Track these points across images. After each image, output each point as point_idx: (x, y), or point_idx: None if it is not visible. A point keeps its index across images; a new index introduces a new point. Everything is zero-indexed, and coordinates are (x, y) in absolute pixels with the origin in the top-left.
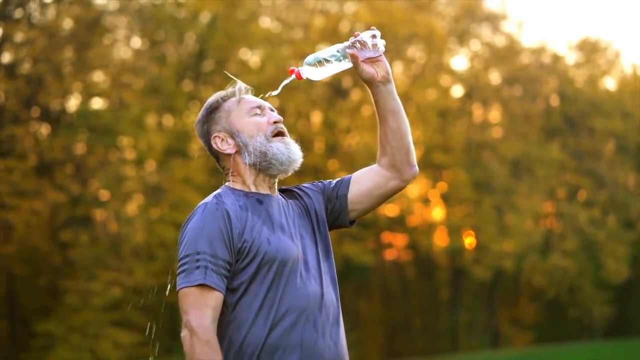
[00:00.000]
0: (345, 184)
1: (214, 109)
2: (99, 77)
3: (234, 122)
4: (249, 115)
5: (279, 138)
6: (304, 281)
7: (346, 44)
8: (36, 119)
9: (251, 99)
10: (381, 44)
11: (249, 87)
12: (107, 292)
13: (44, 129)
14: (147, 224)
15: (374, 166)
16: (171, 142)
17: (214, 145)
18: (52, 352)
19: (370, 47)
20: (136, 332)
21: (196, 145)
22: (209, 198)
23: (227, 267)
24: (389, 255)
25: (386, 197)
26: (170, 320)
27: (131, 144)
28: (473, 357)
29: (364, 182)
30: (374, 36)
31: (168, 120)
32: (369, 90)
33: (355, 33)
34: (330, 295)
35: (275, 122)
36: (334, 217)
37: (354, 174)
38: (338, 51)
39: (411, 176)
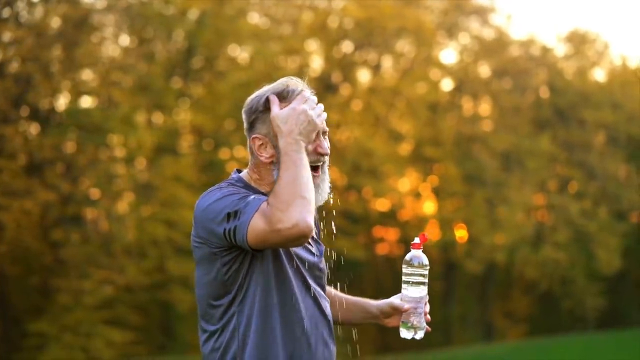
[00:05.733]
0: None
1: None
2: (87, 75)
3: None
4: None
5: (314, 174)
6: (303, 294)
7: (422, 324)
8: (25, 118)
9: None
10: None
11: (315, 99)
12: (98, 291)
13: (33, 128)
14: (138, 222)
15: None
16: (161, 139)
17: (251, 143)
18: (44, 352)
19: (414, 330)
20: (129, 331)
21: (186, 143)
22: (223, 183)
23: None
24: (381, 249)
25: None
26: (163, 318)
27: (121, 142)
28: (466, 351)
29: None
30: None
31: (158, 118)
32: (365, 308)
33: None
34: (328, 307)
35: (319, 154)
36: None
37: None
38: (414, 322)
39: None
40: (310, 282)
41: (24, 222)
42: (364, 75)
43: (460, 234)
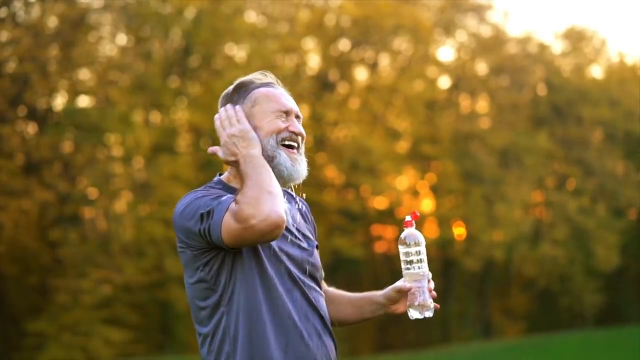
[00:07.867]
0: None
1: (242, 89)
2: (84, 74)
3: (256, 116)
4: (274, 116)
5: (288, 150)
6: (289, 287)
7: (428, 301)
8: (23, 118)
9: (281, 99)
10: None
11: (285, 88)
12: (97, 290)
13: (31, 128)
14: (136, 221)
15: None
16: (158, 138)
17: None
18: (43, 351)
19: (422, 308)
20: (127, 330)
21: (184, 142)
22: (199, 188)
23: None
24: (379, 247)
25: None
26: (161, 317)
27: (118, 141)
28: (465, 348)
29: None
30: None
31: (155, 117)
32: (373, 300)
33: (436, 305)
34: (320, 300)
35: (292, 132)
36: None
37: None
38: (420, 301)
39: None
40: (298, 275)
41: (22, 222)
42: (361, 73)
43: (459, 231)
